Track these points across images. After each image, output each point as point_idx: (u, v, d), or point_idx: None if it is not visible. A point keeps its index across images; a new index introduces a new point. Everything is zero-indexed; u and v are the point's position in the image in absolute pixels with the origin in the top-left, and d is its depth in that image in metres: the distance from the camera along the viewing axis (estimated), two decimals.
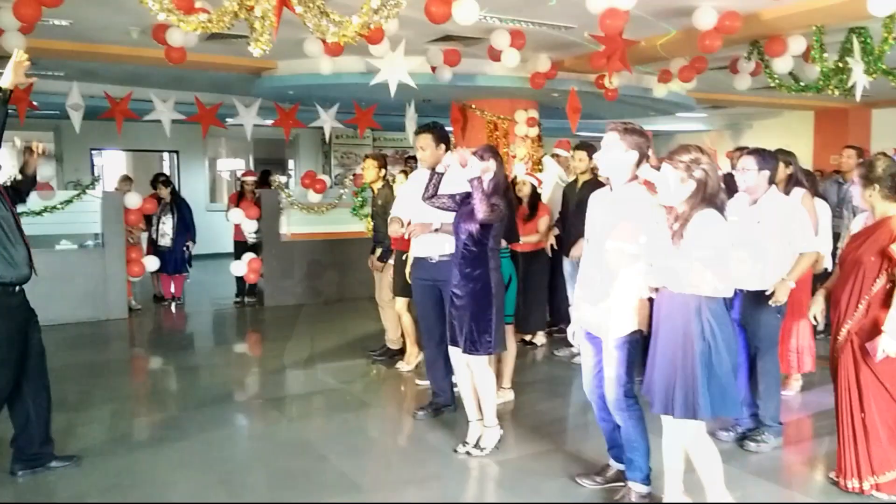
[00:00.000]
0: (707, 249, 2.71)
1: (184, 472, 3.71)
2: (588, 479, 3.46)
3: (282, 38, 4.44)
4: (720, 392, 2.79)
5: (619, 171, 3.07)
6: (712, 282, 2.74)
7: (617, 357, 3.10)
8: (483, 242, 3.74)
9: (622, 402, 3.13)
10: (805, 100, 10.35)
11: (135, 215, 7.86)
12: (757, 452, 3.86)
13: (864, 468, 3.29)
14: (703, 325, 2.77)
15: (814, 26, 6.44)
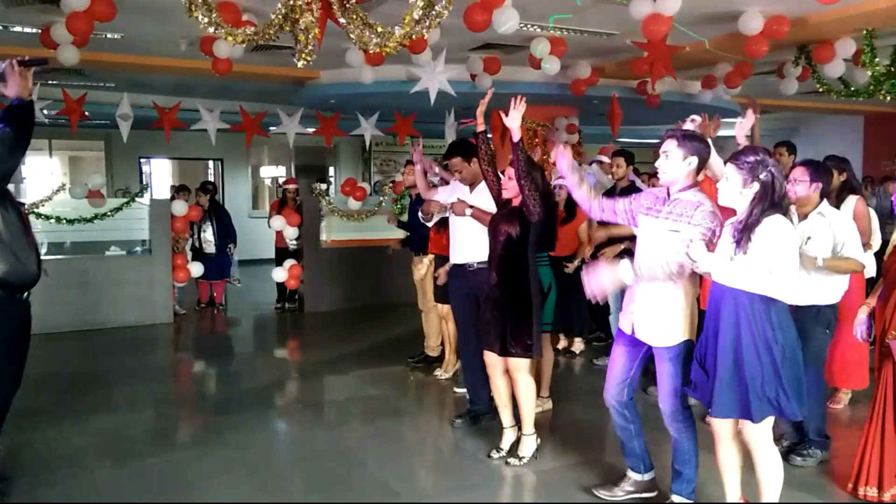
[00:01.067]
0: (776, 255, 2.66)
1: (225, 477, 3.76)
2: (605, 489, 3.41)
3: (324, 48, 4.51)
4: (799, 393, 2.77)
5: (678, 178, 3.02)
6: (780, 285, 2.70)
7: (670, 370, 3.06)
8: (522, 245, 3.72)
9: (679, 413, 3.10)
10: (855, 104, 10.07)
11: (181, 222, 8.04)
12: (802, 466, 3.76)
13: (889, 478, 3.22)
14: (774, 327, 2.72)
15: (864, 30, 6.26)
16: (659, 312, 3.05)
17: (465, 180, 4.40)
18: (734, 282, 2.74)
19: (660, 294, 3.03)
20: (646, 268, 2.98)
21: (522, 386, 3.82)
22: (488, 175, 3.97)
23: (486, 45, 7.19)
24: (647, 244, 3.09)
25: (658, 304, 3.04)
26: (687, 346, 3.05)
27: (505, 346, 3.75)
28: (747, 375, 2.73)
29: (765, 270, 2.67)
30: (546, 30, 6.59)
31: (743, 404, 2.76)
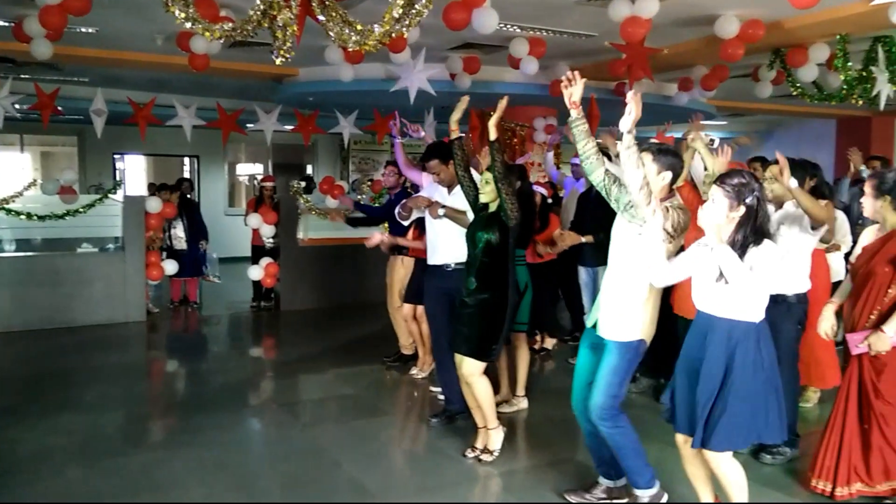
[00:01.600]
0: (764, 280, 2.70)
1: (198, 476, 3.72)
2: (576, 494, 3.40)
3: (303, 45, 4.48)
4: (779, 416, 2.81)
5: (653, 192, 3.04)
6: (762, 307, 2.76)
7: (614, 363, 3.06)
8: (502, 250, 3.73)
9: (606, 411, 3.06)
10: (827, 108, 10.23)
11: (155, 219, 7.94)
12: (772, 465, 3.81)
13: (843, 475, 3.29)
14: (762, 352, 2.76)
15: (837, 35, 6.37)
16: (621, 307, 3.06)
17: (443, 182, 4.42)
18: (724, 311, 2.77)
19: (626, 289, 3.06)
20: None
21: (477, 389, 3.83)
22: (464, 181, 3.96)
23: (466, 45, 7.20)
24: (618, 243, 3.12)
25: (622, 299, 3.06)
26: (639, 347, 3.07)
27: (470, 348, 3.76)
28: (736, 408, 2.73)
29: (752, 294, 2.71)
30: (525, 30, 6.61)
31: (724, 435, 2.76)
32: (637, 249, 3.00)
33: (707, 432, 2.78)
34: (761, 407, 2.75)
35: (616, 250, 3.12)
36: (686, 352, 2.91)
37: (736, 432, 2.75)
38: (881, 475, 3.27)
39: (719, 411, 2.74)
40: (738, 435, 2.76)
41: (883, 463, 3.27)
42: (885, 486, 3.28)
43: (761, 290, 2.74)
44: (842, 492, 3.32)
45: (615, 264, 3.12)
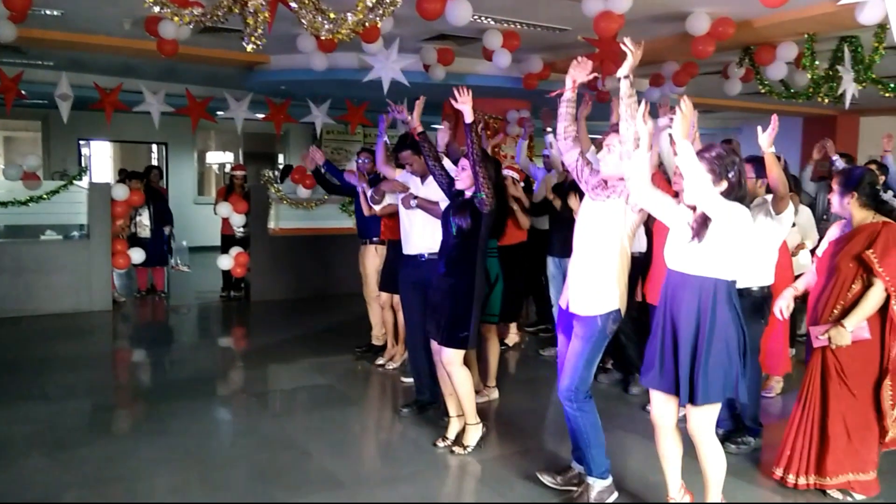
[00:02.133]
0: (734, 239, 2.75)
1: (164, 466, 3.68)
2: (548, 475, 3.46)
3: (275, 33, 4.43)
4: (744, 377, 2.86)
5: (619, 173, 3.09)
6: (734, 267, 2.80)
7: (583, 347, 3.12)
8: (473, 238, 3.74)
9: (573, 393, 3.14)
10: (794, 106, 10.42)
11: (122, 207, 7.80)
12: (737, 454, 3.89)
13: (805, 466, 3.39)
14: (736, 309, 2.82)
15: (805, 34, 6.49)
16: (596, 281, 3.11)
17: (416, 172, 4.41)
18: (696, 268, 2.80)
19: (595, 265, 3.11)
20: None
21: (457, 378, 3.84)
22: (436, 171, 3.96)
23: (441, 36, 7.18)
24: (586, 222, 3.18)
25: (593, 274, 3.12)
26: (612, 320, 3.11)
27: (443, 337, 3.78)
28: (712, 360, 2.78)
29: (724, 254, 2.77)
30: (499, 22, 6.61)
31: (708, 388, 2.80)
32: (606, 221, 3.08)
33: (692, 389, 2.82)
34: (734, 362, 2.81)
35: (585, 228, 3.18)
36: (661, 314, 2.94)
37: (714, 385, 2.79)
38: (837, 467, 3.35)
39: (699, 367, 2.79)
40: (715, 388, 2.80)
41: (840, 455, 3.34)
42: (841, 479, 3.36)
43: (731, 248, 2.77)
44: (803, 482, 3.40)
45: (585, 241, 3.18)
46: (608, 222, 3.09)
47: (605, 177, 3.14)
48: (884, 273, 3.16)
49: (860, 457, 3.34)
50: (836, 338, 3.25)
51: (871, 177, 3.37)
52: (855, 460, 3.34)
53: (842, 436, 3.34)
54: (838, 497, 3.38)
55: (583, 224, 3.21)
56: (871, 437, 3.35)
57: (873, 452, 3.38)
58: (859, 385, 3.31)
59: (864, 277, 3.26)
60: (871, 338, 3.25)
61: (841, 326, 3.23)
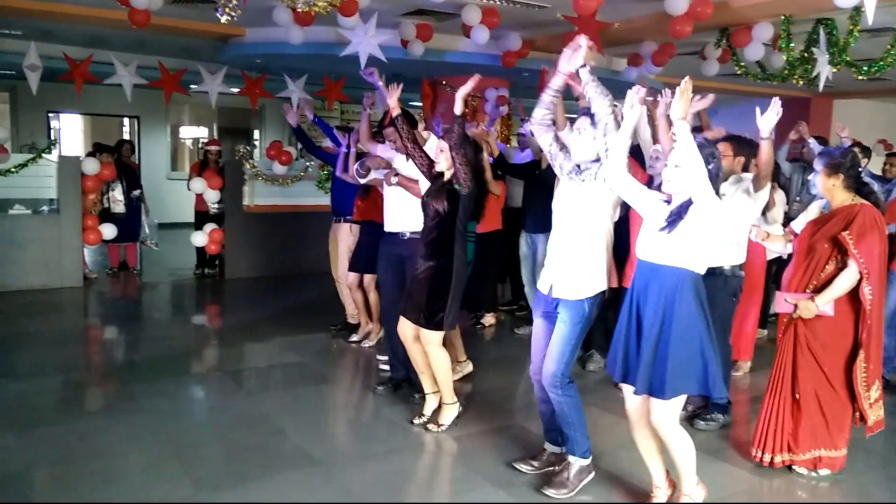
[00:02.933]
0: (707, 231, 2.75)
1: (137, 444, 3.65)
2: (525, 463, 3.46)
3: (250, 4, 4.34)
4: (719, 370, 2.84)
5: (590, 156, 3.11)
6: (704, 259, 2.80)
7: (567, 333, 3.11)
8: (451, 221, 3.74)
9: (559, 379, 3.13)
10: (770, 88, 10.49)
11: (92, 182, 7.65)
12: (706, 430, 3.96)
13: (779, 444, 3.45)
14: (701, 301, 2.80)
15: (782, 16, 6.51)
16: (577, 264, 3.10)
17: (399, 150, 4.36)
18: (666, 258, 2.79)
19: (577, 247, 3.10)
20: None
21: (434, 358, 3.86)
22: (415, 154, 3.93)
23: (419, 11, 7.09)
24: (564, 204, 3.17)
25: (576, 257, 3.10)
26: (597, 303, 3.11)
27: (419, 317, 3.78)
28: (676, 352, 2.76)
29: (695, 245, 2.76)
30: None
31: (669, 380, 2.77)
32: (584, 203, 3.07)
33: (652, 380, 2.81)
34: (703, 357, 2.78)
35: (563, 211, 3.16)
36: (628, 303, 2.94)
37: (680, 378, 2.77)
38: (807, 442, 3.42)
39: (662, 358, 2.78)
40: (682, 381, 2.78)
41: (811, 430, 3.41)
42: (811, 455, 3.43)
43: (703, 239, 2.77)
44: (778, 459, 3.47)
45: (565, 224, 3.15)
46: (586, 204, 3.08)
47: (578, 161, 3.14)
48: (858, 255, 3.20)
49: (831, 433, 3.41)
50: (802, 309, 3.30)
51: (856, 159, 3.40)
52: (826, 436, 3.41)
53: (814, 411, 3.40)
54: (803, 472, 3.45)
55: (561, 207, 3.19)
56: (843, 413, 3.42)
57: (845, 429, 3.44)
58: (830, 361, 3.36)
59: (838, 259, 3.30)
60: (833, 315, 3.30)
61: (811, 301, 3.28)
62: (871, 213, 3.26)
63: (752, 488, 3.42)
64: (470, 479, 3.42)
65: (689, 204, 2.76)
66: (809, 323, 3.36)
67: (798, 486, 3.40)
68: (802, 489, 3.38)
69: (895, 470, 3.68)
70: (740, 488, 3.42)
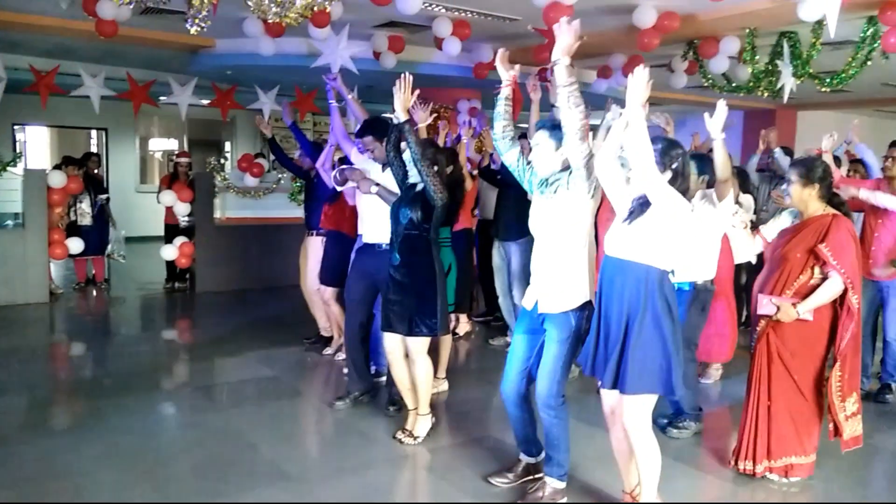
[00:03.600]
0: (671, 222, 2.74)
1: (105, 463, 3.57)
2: (501, 476, 3.43)
3: (220, 15, 4.31)
4: (680, 371, 2.83)
5: (554, 170, 3.09)
6: (669, 256, 2.79)
7: (558, 351, 3.03)
8: (425, 227, 3.73)
9: (553, 399, 3.06)
10: (735, 100, 10.70)
11: (59, 195, 7.52)
12: (678, 438, 4.00)
13: (761, 452, 3.48)
14: (668, 301, 2.79)
15: (747, 29, 6.66)
16: (559, 277, 3.03)
17: (377, 159, 4.32)
18: (630, 254, 2.79)
19: (558, 260, 3.03)
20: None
21: (419, 367, 3.85)
22: (394, 162, 3.91)
23: (391, 23, 7.11)
24: (541, 219, 3.10)
25: (557, 270, 3.03)
26: (586, 317, 3.03)
27: (410, 326, 3.76)
28: (643, 349, 2.77)
29: (659, 241, 2.76)
30: (450, 10, 6.58)
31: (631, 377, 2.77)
32: (560, 216, 3.00)
33: (619, 375, 2.81)
34: (666, 358, 2.77)
35: (540, 225, 3.09)
36: (596, 299, 2.93)
37: (647, 375, 2.76)
38: (780, 449, 3.46)
39: (629, 353, 2.77)
40: (648, 378, 2.77)
41: (783, 438, 3.45)
42: (783, 462, 3.47)
43: (667, 236, 2.76)
44: (760, 469, 3.49)
45: (544, 239, 3.08)
46: (561, 216, 3.00)
47: (544, 174, 3.11)
48: (839, 266, 3.22)
49: (801, 439, 3.45)
50: (782, 312, 3.31)
51: (828, 170, 3.44)
52: (796, 443, 3.45)
53: (785, 418, 3.44)
54: (774, 479, 3.49)
55: (537, 222, 3.12)
56: (812, 421, 3.46)
57: (814, 436, 3.49)
58: (800, 369, 3.40)
59: (813, 269, 3.33)
60: (812, 321, 3.33)
61: (793, 306, 3.29)
62: (845, 225, 3.30)
63: (724, 495, 3.46)
64: (445, 492, 3.40)
65: (646, 203, 2.77)
66: (780, 331, 3.40)
67: (768, 493, 3.43)
68: (773, 495, 3.42)
69: (863, 474, 3.75)
70: (712, 495, 3.45)
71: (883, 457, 3.98)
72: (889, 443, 4.13)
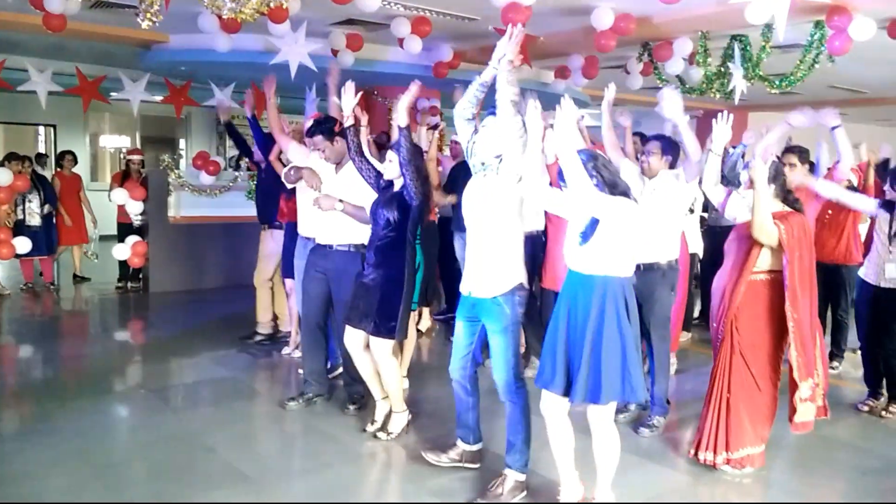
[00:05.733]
0: (623, 234, 2.81)
1: (57, 467, 3.47)
2: (434, 454, 3.53)
3: (174, 10, 4.23)
4: (640, 374, 2.90)
5: (491, 151, 3.19)
6: (628, 261, 2.86)
7: (500, 340, 3.16)
8: (401, 228, 3.73)
9: (513, 384, 3.19)
10: (689, 101, 10.94)
11: (5, 193, 7.27)
12: (651, 437, 4.04)
13: (720, 444, 3.57)
14: (628, 306, 2.86)
15: (699, 32, 6.80)
16: (488, 260, 3.16)
17: (329, 159, 4.28)
18: (588, 268, 2.85)
19: (487, 243, 3.17)
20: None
21: (385, 367, 3.84)
22: (363, 167, 3.90)
23: (350, 21, 7.06)
24: (471, 200, 3.25)
25: (486, 253, 3.17)
26: (518, 302, 3.14)
27: (370, 326, 3.76)
28: (606, 359, 2.81)
29: (613, 252, 2.83)
30: (409, 9, 6.57)
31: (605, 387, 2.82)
32: (489, 198, 3.14)
33: (589, 388, 2.83)
34: (627, 364, 2.84)
35: (471, 206, 3.23)
36: (561, 313, 2.96)
37: (617, 383, 2.82)
38: (738, 441, 3.55)
39: (596, 365, 2.82)
40: (618, 385, 2.83)
41: (741, 429, 3.55)
42: (741, 453, 3.56)
43: (622, 244, 2.84)
44: (720, 459, 3.57)
45: (473, 220, 3.23)
46: (490, 200, 3.15)
47: (482, 158, 3.22)
48: (787, 237, 3.34)
49: (756, 430, 3.57)
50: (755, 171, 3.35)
51: (780, 170, 3.59)
52: (753, 434, 3.56)
53: (741, 410, 3.54)
54: (727, 469, 3.57)
55: (468, 202, 3.26)
56: (765, 412, 3.58)
57: (767, 426, 3.60)
58: (757, 360, 3.52)
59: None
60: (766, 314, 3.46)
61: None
62: (799, 220, 3.44)
63: (679, 487, 3.53)
64: (406, 490, 3.41)
65: (597, 221, 2.82)
66: (740, 323, 3.50)
67: (727, 486, 3.51)
68: (731, 489, 3.49)
69: (811, 465, 3.86)
70: (667, 487, 3.52)
71: (831, 446, 4.10)
72: (842, 433, 4.27)
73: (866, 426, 4.44)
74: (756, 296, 3.49)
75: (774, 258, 3.46)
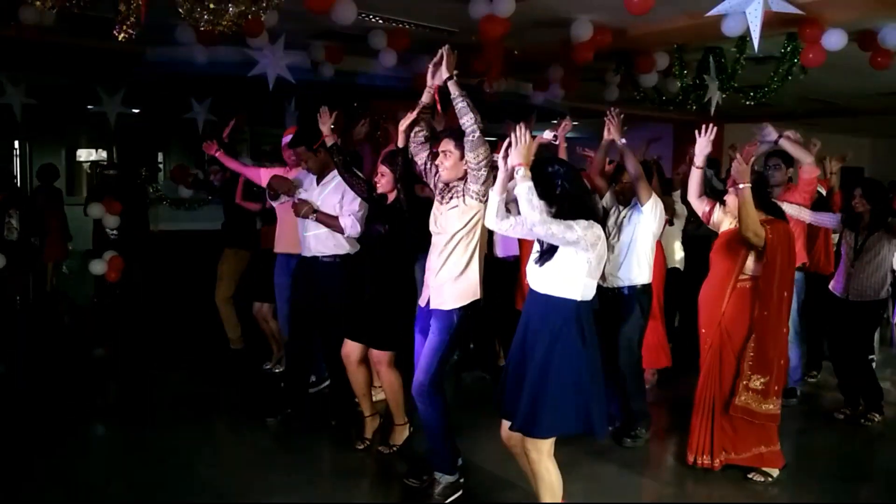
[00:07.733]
0: (577, 258, 2.67)
1: (31, 487, 3.41)
2: (415, 478, 3.49)
3: (152, 22, 4.18)
4: (602, 407, 2.75)
5: (457, 177, 3.24)
6: (586, 286, 2.71)
7: (438, 342, 3.21)
8: (396, 241, 3.73)
9: (426, 388, 3.23)
10: (665, 113, 11.05)
11: None
12: (633, 447, 4.05)
13: (718, 446, 3.60)
14: (584, 331, 2.69)
15: (675, 45, 6.89)
16: (447, 278, 3.21)
17: (311, 170, 4.28)
18: (542, 286, 2.74)
19: (448, 263, 3.22)
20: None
21: (385, 378, 3.80)
22: (353, 183, 3.91)
23: (329, 34, 7.06)
24: (436, 222, 3.30)
25: (446, 271, 3.22)
26: (468, 315, 3.21)
27: (372, 338, 3.74)
28: (555, 389, 2.64)
29: (568, 272, 2.68)
30: (387, 22, 6.58)
31: (543, 420, 2.66)
32: (454, 222, 3.20)
33: (528, 418, 2.68)
34: (583, 395, 2.66)
35: (435, 228, 3.29)
36: (520, 332, 2.83)
37: (560, 417, 2.65)
38: (743, 442, 3.62)
39: (541, 395, 2.65)
40: (562, 420, 2.66)
41: (743, 430, 3.61)
42: (751, 453, 3.63)
43: (579, 268, 2.67)
44: (718, 462, 3.63)
45: (437, 241, 3.28)
46: (454, 220, 3.20)
47: (445, 180, 3.26)
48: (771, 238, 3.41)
49: (765, 428, 3.61)
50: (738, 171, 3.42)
51: (761, 179, 3.66)
52: (760, 432, 3.60)
53: (724, 419, 3.60)
54: (758, 479, 3.61)
55: (434, 224, 3.32)
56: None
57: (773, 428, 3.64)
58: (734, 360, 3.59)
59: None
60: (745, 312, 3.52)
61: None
62: (783, 226, 3.52)
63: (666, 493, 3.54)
64: None
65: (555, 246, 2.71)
66: (731, 329, 3.56)
67: (745, 490, 3.54)
68: (748, 491, 3.53)
69: (791, 471, 3.87)
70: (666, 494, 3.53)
71: (811, 453, 4.13)
72: (820, 440, 4.31)
73: (844, 433, 4.48)
74: (742, 301, 3.56)
75: (758, 264, 3.51)
